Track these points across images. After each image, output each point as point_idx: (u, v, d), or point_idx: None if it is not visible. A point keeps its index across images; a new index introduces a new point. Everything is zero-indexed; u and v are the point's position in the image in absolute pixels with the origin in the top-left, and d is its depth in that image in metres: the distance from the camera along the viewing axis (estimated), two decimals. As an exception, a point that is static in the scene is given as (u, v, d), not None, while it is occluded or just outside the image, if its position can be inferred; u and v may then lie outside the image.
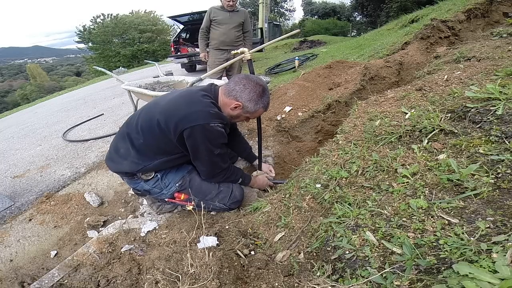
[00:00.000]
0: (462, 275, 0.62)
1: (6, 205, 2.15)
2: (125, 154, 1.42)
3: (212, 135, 1.31)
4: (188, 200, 1.48)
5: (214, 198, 1.52)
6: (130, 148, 1.40)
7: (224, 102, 1.39)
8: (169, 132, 1.31)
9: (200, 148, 1.34)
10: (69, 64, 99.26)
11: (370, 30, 13.14)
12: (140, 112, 1.46)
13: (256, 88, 1.36)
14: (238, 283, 0.99)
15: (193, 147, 1.34)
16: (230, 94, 1.36)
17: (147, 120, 1.37)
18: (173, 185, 1.48)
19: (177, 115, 1.29)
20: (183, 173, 1.51)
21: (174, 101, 1.35)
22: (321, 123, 2.65)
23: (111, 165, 1.48)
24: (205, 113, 1.29)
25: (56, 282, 1.19)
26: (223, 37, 3.48)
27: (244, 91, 1.34)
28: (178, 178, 1.49)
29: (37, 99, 14.50)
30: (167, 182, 1.48)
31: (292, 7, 38.93)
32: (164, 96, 1.47)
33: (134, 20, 26.92)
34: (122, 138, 1.45)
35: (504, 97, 1.15)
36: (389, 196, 1.03)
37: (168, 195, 1.50)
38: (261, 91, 1.37)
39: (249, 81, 1.36)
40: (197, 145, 1.32)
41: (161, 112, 1.33)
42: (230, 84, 1.38)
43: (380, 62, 2.96)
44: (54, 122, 4.72)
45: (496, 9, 3.56)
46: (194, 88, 1.46)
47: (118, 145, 1.46)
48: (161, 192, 1.49)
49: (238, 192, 1.60)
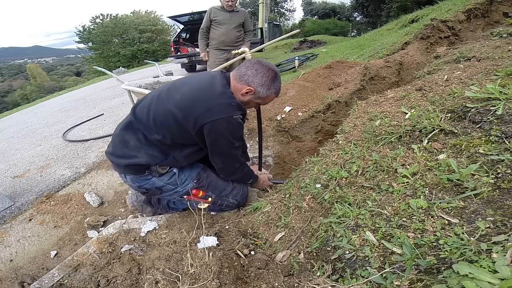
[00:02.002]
0: (462, 275, 0.62)
1: (6, 205, 2.15)
2: (138, 147, 1.33)
3: (234, 128, 1.29)
4: (205, 197, 1.47)
5: (228, 194, 1.54)
6: (143, 141, 1.33)
7: (235, 88, 1.33)
8: (188, 125, 1.26)
9: (221, 142, 1.30)
10: (69, 64, 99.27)
11: (370, 30, 13.14)
12: (150, 104, 1.35)
13: (269, 73, 1.32)
14: (238, 283, 0.99)
15: (213, 141, 1.30)
16: (242, 79, 1.31)
17: (162, 115, 1.29)
18: (190, 182, 1.45)
19: (197, 109, 1.24)
20: (198, 170, 1.48)
21: (192, 94, 1.28)
22: (321, 123, 2.66)
23: (119, 160, 1.36)
24: (226, 106, 1.25)
25: (56, 282, 1.19)
26: (223, 37, 3.49)
27: (257, 76, 1.30)
28: (194, 174, 1.46)
29: (37, 99, 14.50)
30: (183, 178, 1.44)
31: (292, 7, 38.98)
32: (177, 87, 1.36)
33: (134, 20, 26.94)
34: (130, 130, 1.36)
35: (504, 97, 1.15)
36: (389, 196, 1.03)
37: (183, 192, 1.46)
38: (273, 76, 1.33)
39: (261, 65, 1.32)
40: (218, 138, 1.29)
41: (178, 107, 1.26)
42: (241, 68, 1.33)
43: (380, 62, 2.96)
44: (54, 122, 4.72)
45: (496, 9, 3.56)
46: (209, 76, 1.36)
47: (126, 137, 1.36)
48: (175, 188, 1.44)
49: (246, 188, 1.66)
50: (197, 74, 1.45)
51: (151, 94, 1.42)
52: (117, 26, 26.52)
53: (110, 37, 26.72)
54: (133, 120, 1.37)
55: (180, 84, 1.38)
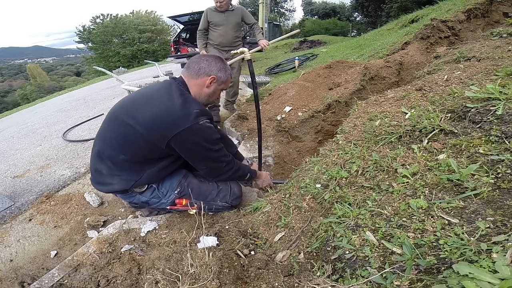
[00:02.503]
0: (462, 275, 0.62)
1: (6, 205, 2.15)
2: (110, 174, 1.34)
3: (204, 133, 1.26)
4: (190, 204, 1.45)
5: (215, 198, 1.51)
6: (112, 167, 1.33)
7: (197, 84, 1.35)
8: (155, 141, 1.24)
9: (196, 150, 1.29)
10: (69, 64, 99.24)
11: (370, 30, 13.14)
12: (107, 125, 1.36)
13: (217, 59, 1.39)
14: (238, 283, 0.99)
15: (188, 152, 1.29)
16: (200, 72, 1.34)
17: (124, 133, 1.27)
18: (172, 193, 1.44)
19: (161, 124, 1.22)
20: (179, 179, 1.46)
21: (153, 111, 1.24)
22: (321, 123, 2.66)
23: (101, 187, 1.40)
24: (189, 115, 1.22)
25: (56, 282, 1.19)
26: (220, 39, 3.43)
27: (211, 65, 1.35)
28: (175, 184, 1.45)
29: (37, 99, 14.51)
30: (164, 190, 1.43)
31: (292, 7, 38.96)
32: (134, 103, 1.34)
33: (134, 20, 26.93)
34: (98, 158, 1.37)
35: (504, 97, 1.15)
36: (389, 196, 1.03)
37: (168, 203, 1.46)
38: (221, 60, 1.40)
39: (207, 56, 1.39)
40: (192, 148, 1.27)
41: (141, 124, 1.23)
42: (192, 65, 1.36)
43: (380, 62, 2.97)
44: (54, 122, 4.72)
45: (496, 9, 3.56)
46: (164, 87, 1.34)
47: (97, 166, 1.37)
48: (160, 201, 1.45)
49: (236, 189, 1.59)
50: (151, 87, 1.45)
51: (108, 115, 1.40)
52: (117, 26, 26.52)
53: (110, 37, 26.71)
54: (99, 149, 1.37)
55: (136, 100, 1.35)
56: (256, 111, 1.95)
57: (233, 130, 2.95)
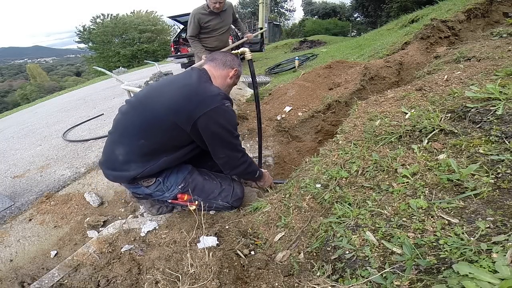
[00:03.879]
0: (462, 275, 0.62)
1: (6, 205, 2.15)
2: (127, 160, 1.35)
3: (229, 115, 1.32)
4: (191, 201, 1.46)
5: (217, 197, 1.52)
6: (130, 152, 1.34)
7: (221, 75, 1.46)
8: (181, 123, 1.27)
9: (219, 132, 1.31)
10: (69, 64, 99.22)
11: (370, 30, 13.14)
12: (129, 111, 1.39)
13: (235, 56, 1.56)
14: (238, 283, 0.99)
15: (212, 133, 1.31)
16: (226, 64, 1.46)
17: (148, 118, 1.30)
18: (176, 187, 1.46)
19: (188, 105, 1.26)
20: (184, 174, 1.49)
21: (179, 93, 1.31)
22: (321, 123, 2.66)
23: (114, 174, 1.40)
24: (216, 96, 1.29)
25: (56, 282, 1.19)
26: (216, 43, 3.14)
27: (234, 59, 1.50)
28: (180, 179, 1.47)
29: (37, 99, 14.51)
30: (169, 185, 1.45)
31: (292, 7, 38.97)
32: (159, 90, 1.39)
33: (134, 20, 26.92)
34: (116, 143, 1.38)
35: (504, 97, 1.15)
36: (389, 196, 1.03)
37: (170, 197, 1.48)
38: (237, 57, 1.55)
39: (228, 53, 1.56)
40: (216, 129, 1.30)
41: (167, 107, 1.28)
42: (217, 58, 1.48)
43: (380, 62, 2.97)
44: (54, 122, 4.72)
45: (496, 9, 3.56)
46: (188, 74, 1.43)
47: (116, 151, 1.37)
48: (163, 194, 1.47)
49: (239, 190, 1.61)
50: (174, 75, 1.55)
51: (130, 103, 1.43)
52: (117, 26, 26.51)
53: (110, 37, 26.71)
54: (118, 134, 1.39)
55: (160, 87, 1.42)
56: (256, 111, 1.95)
57: (233, 130, 2.94)
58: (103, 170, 1.44)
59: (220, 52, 1.53)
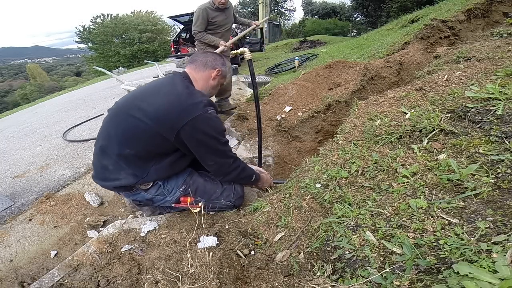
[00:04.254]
0: (462, 275, 0.62)
1: (6, 205, 2.15)
2: (116, 169, 1.33)
3: (214, 122, 1.29)
4: (194, 203, 1.44)
5: (219, 196, 1.52)
6: (118, 161, 1.31)
7: (204, 77, 1.42)
8: (165, 133, 1.24)
9: (205, 140, 1.28)
10: (69, 64, 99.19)
11: (370, 30, 13.14)
12: (111, 120, 1.36)
13: (218, 54, 1.51)
14: (238, 283, 0.99)
15: (197, 144, 1.28)
16: (207, 65, 1.42)
17: (130, 127, 1.27)
18: (177, 190, 1.44)
19: (170, 114, 1.23)
20: (184, 177, 1.47)
21: (161, 101, 1.26)
22: (321, 123, 2.66)
23: (106, 184, 1.39)
24: (198, 104, 1.25)
25: (56, 282, 1.19)
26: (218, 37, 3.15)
27: (216, 59, 1.45)
28: (180, 182, 1.45)
29: (37, 99, 14.51)
30: (170, 187, 1.43)
31: (292, 7, 38.98)
32: (140, 97, 1.34)
33: (134, 20, 26.91)
34: (103, 153, 1.36)
35: (504, 97, 1.15)
36: (389, 196, 1.03)
37: (173, 201, 1.46)
38: (220, 55, 1.50)
39: (209, 52, 1.52)
40: (201, 139, 1.27)
41: (150, 116, 1.23)
42: (197, 60, 1.43)
43: (380, 62, 2.97)
44: (54, 122, 4.72)
45: (496, 9, 3.56)
46: (169, 80, 1.39)
47: (103, 162, 1.36)
48: (164, 198, 1.45)
49: (239, 188, 1.61)
50: (154, 81, 1.48)
51: (111, 112, 1.39)
52: (117, 26, 26.50)
53: (110, 37, 26.70)
54: (104, 144, 1.35)
55: (141, 95, 1.36)
56: (256, 111, 1.96)
57: (233, 130, 2.95)
58: (98, 183, 1.43)
59: (202, 52, 1.48)
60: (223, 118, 3.35)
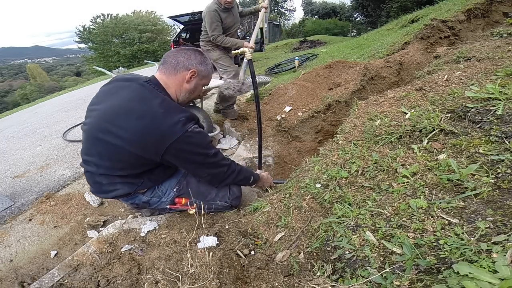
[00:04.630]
0: (462, 275, 0.62)
1: (6, 205, 2.15)
2: (110, 183, 1.31)
3: (196, 140, 1.20)
4: (190, 204, 1.45)
5: (214, 197, 1.50)
6: (110, 179, 1.30)
7: (175, 82, 1.25)
8: (149, 155, 1.19)
9: (193, 159, 1.24)
10: (69, 64, 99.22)
11: (370, 30, 13.14)
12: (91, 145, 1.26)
13: (195, 51, 1.28)
14: (238, 283, 0.99)
15: (185, 162, 1.25)
16: (178, 67, 1.24)
17: (113, 153, 1.21)
18: (171, 191, 1.43)
19: (150, 139, 1.14)
20: (178, 178, 1.45)
21: (132, 124, 1.14)
22: (321, 123, 2.66)
23: (105, 195, 1.38)
24: (177, 123, 1.13)
25: (56, 282, 1.19)
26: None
27: (190, 58, 1.25)
28: (174, 183, 1.44)
29: (37, 99, 14.51)
30: (164, 189, 1.43)
31: (292, 7, 38.99)
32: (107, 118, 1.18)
33: (134, 20, 26.92)
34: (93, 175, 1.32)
35: (504, 97, 1.15)
36: (389, 196, 1.03)
37: (168, 202, 1.46)
38: (200, 52, 1.29)
39: (184, 50, 1.27)
40: (188, 158, 1.22)
41: (127, 142, 1.15)
42: (168, 61, 1.25)
43: (380, 62, 2.97)
44: (54, 122, 4.72)
45: (496, 9, 3.56)
46: (136, 93, 1.20)
47: (96, 179, 1.32)
48: (160, 200, 1.44)
49: (236, 189, 1.58)
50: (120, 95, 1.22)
51: (87, 134, 1.28)
52: (117, 26, 26.51)
53: (110, 37, 26.71)
54: (93, 168, 1.30)
55: (112, 115, 1.18)
56: (256, 111, 1.96)
57: (233, 130, 2.95)
58: (97, 196, 1.45)
59: (174, 51, 1.25)
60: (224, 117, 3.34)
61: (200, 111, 2.78)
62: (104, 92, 1.33)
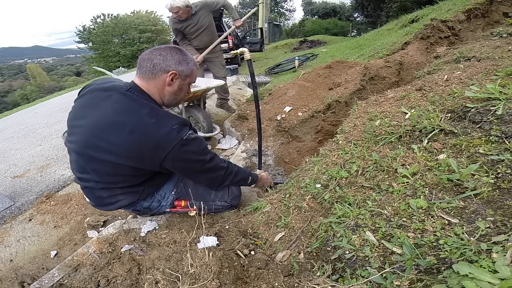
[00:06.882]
0: (462, 275, 0.62)
1: (6, 205, 2.15)
2: (112, 195, 1.29)
3: (192, 146, 1.17)
4: (189, 206, 1.43)
5: (213, 198, 1.50)
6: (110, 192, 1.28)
7: (156, 86, 1.17)
8: (147, 167, 1.18)
9: (190, 166, 1.23)
10: (69, 64, 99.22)
11: (370, 30, 13.14)
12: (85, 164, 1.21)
13: (172, 50, 1.17)
14: (238, 283, 0.99)
15: (183, 170, 1.25)
16: (154, 72, 1.14)
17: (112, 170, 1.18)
18: (169, 194, 1.43)
19: (145, 151, 1.11)
20: (174, 181, 1.45)
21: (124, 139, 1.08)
22: (321, 123, 2.66)
23: (108, 207, 1.35)
24: (171, 132, 1.10)
25: (56, 282, 1.19)
26: (195, 42, 3.21)
27: (166, 58, 1.15)
28: (172, 186, 1.44)
29: (37, 99, 14.52)
30: (162, 193, 1.42)
31: (292, 7, 38.98)
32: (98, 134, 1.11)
33: (134, 20, 26.93)
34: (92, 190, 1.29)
35: (504, 97, 1.15)
36: (389, 196, 1.03)
37: (168, 206, 1.45)
38: (178, 50, 1.19)
39: (160, 49, 1.17)
40: (185, 165, 1.21)
41: (123, 157, 1.12)
42: (143, 65, 1.16)
43: (380, 62, 2.97)
44: (54, 122, 4.72)
45: (496, 9, 3.56)
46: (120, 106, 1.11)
47: (96, 194, 1.29)
48: (160, 204, 1.44)
49: (235, 188, 1.57)
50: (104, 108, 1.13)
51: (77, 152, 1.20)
52: (118, 26, 26.52)
53: (110, 37, 26.71)
54: (88, 185, 1.27)
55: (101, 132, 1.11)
56: (256, 111, 1.95)
57: (233, 130, 2.95)
58: (101, 209, 1.41)
59: (148, 52, 1.17)
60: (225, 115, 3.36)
61: (200, 111, 2.79)
62: (82, 105, 1.22)
